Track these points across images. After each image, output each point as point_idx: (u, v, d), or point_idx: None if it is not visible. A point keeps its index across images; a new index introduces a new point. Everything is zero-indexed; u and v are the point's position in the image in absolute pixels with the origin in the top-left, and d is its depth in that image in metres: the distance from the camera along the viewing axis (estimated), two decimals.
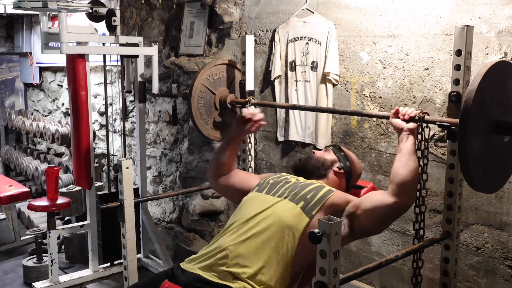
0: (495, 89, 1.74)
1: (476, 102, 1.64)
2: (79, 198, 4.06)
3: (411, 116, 2.00)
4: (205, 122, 2.97)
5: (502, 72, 1.77)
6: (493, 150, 1.80)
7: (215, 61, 3.03)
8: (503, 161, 1.90)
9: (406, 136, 1.99)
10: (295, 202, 1.99)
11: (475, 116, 1.66)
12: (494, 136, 1.78)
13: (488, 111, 1.73)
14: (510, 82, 1.82)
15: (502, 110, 1.79)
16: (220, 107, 3.00)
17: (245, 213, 2.01)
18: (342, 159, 2.22)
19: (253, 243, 1.90)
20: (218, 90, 2.98)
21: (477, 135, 1.70)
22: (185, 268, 1.93)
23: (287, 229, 1.91)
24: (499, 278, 2.32)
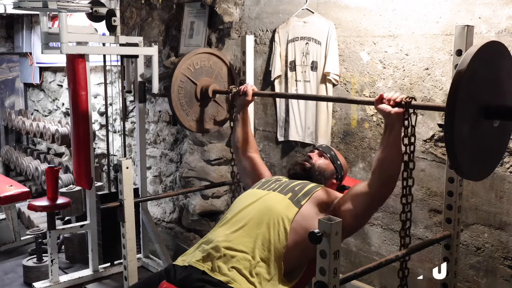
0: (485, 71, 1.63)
1: (464, 84, 1.53)
2: (79, 198, 4.06)
3: (396, 101, 1.86)
4: (186, 113, 2.83)
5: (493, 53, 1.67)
6: (482, 136, 1.69)
7: (196, 50, 2.90)
8: (492, 147, 1.80)
9: (391, 122, 1.88)
10: (283, 193, 2.06)
11: (463, 100, 1.55)
12: (483, 121, 1.66)
13: (477, 95, 1.62)
14: (501, 63, 1.71)
15: (492, 93, 1.67)
16: (202, 97, 2.86)
17: (236, 207, 2.06)
18: (338, 169, 2.29)
19: (243, 232, 1.93)
20: (200, 80, 2.85)
21: (465, 120, 1.59)
22: (178, 264, 1.94)
23: (277, 217, 1.94)
24: (499, 278, 2.32)
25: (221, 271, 1.83)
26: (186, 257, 1.96)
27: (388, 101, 1.88)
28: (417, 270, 2.59)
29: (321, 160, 2.27)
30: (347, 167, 2.39)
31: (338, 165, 2.28)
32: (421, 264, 2.57)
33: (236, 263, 1.84)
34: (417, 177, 2.55)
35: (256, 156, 2.52)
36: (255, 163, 2.48)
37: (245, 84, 2.54)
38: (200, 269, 1.86)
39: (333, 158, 2.28)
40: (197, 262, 1.89)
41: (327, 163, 2.26)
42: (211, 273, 1.84)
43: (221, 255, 1.86)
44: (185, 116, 2.83)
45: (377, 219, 2.74)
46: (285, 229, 1.92)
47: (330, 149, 2.33)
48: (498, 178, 2.26)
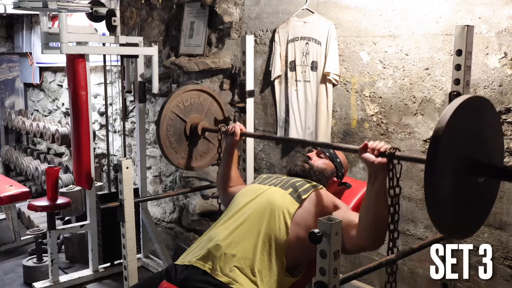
0: (467, 126, 1.55)
1: (446, 139, 1.46)
2: (79, 198, 4.06)
3: (380, 151, 1.81)
4: (175, 151, 2.80)
5: (475, 108, 1.60)
6: (466, 192, 1.60)
7: (186, 87, 2.85)
8: (477, 203, 1.69)
9: (374, 173, 1.81)
10: (284, 189, 2.07)
11: (445, 155, 1.47)
12: (467, 177, 1.56)
13: (460, 149, 1.54)
14: (484, 118, 1.64)
15: (476, 149, 1.59)
16: (191, 135, 2.82)
17: (237, 204, 2.07)
18: (339, 167, 2.28)
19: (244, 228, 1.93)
20: (190, 118, 2.81)
21: (447, 176, 1.51)
22: (179, 263, 1.94)
23: (278, 212, 1.94)
24: (499, 278, 2.32)
25: (222, 271, 1.83)
26: (186, 255, 1.96)
27: (372, 151, 1.83)
28: (417, 270, 2.59)
29: (320, 160, 2.27)
30: (347, 164, 2.38)
31: (338, 163, 2.27)
32: (421, 264, 2.57)
33: (237, 262, 1.84)
34: (417, 177, 2.55)
35: (240, 187, 2.42)
36: None
37: (234, 124, 2.52)
38: (201, 269, 1.86)
39: (332, 156, 2.28)
40: (197, 262, 1.88)
41: (326, 162, 2.26)
42: (212, 273, 1.84)
43: (221, 254, 1.86)
44: (174, 154, 2.79)
45: None
46: (286, 224, 1.92)
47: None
48: None
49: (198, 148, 2.89)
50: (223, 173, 2.48)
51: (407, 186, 2.57)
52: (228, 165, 2.47)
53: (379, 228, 1.79)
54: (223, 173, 2.48)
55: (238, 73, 3.39)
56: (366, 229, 1.79)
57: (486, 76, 2.26)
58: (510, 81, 2.19)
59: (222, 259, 1.85)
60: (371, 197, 1.80)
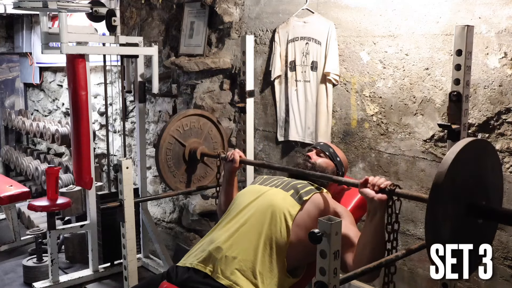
0: (468, 170, 1.60)
1: (447, 184, 1.51)
2: (79, 198, 4.05)
3: (380, 187, 1.81)
4: (173, 175, 2.81)
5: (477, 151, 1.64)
6: (466, 232, 1.65)
7: (186, 111, 2.88)
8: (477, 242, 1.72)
9: (374, 208, 1.82)
10: (285, 190, 2.06)
11: (445, 199, 1.52)
12: (466, 219, 1.62)
13: (459, 193, 1.59)
14: (484, 160, 1.69)
15: (475, 191, 1.64)
16: (190, 159, 2.83)
17: (238, 205, 2.06)
18: (339, 166, 2.28)
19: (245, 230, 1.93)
20: (188, 142, 2.82)
21: (448, 218, 1.56)
22: (181, 265, 1.94)
23: (279, 214, 1.94)
24: (499, 278, 2.32)
25: (224, 274, 1.83)
26: (188, 258, 1.96)
27: (372, 186, 1.83)
28: (417, 270, 2.59)
29: (320, 159, 2.26)
30: (347, 162, 2.38)
31: (338, 162, 2.27)
32: (421, 264, 2.57)
33: (238, 264, 1.84)
34: (417, 177, 2.55)
35: None
36: None
37: (233, 150, 2.51)
38: (202, 271, 1.86)
39: (332, 155, 2.28)
40: (199, 264, 1.88)
41: (326, 161, 2.26)
42: (213, 275, 1.84)
43: (222, 256, 1.86)
44: (172, 177, 2.80)
45: None
46: (287, 226, 1.92)
47: (328, 147, 2.32)
48: None
49: (196, 172, 2.91)
50: (224, 200, 2.45)
51: (407, 186, 2.57)
52: (228, 193, 2.45)
53: (375, 260, 1.76)
54: (224, 200, 2.45)
55: (238, 73, 3.39)
56: (362, 262, 1.78)
57: (486, 76, 2.26)
58: (510, 81, 2.19)
59: (223, 261, 1.85)
60: (370, 232, 1.81)
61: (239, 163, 2.47)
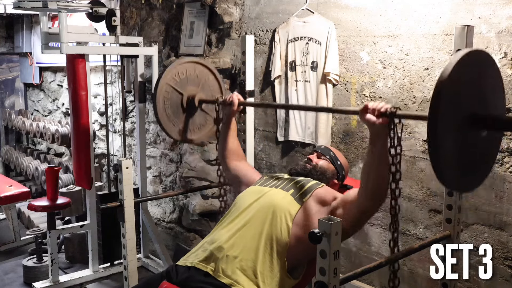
0: (469, 79, 1.56)
1: (448, 93, 1.47)
2: (79, 198, 4.05)
3: (381, 112, 1.80)
4: (173, 124, 2.76)
5: (477, 61, 1.60)
6: (469, 146, 1.61)
7: (180, 59, 2.82)
8: (481, 157, 1.70)
9: (376, 133, 1.82)
10: (286, 190, 2.06)
11: (447, 110, 1.48)
12: (469, 131, 1.57)
13: (461, 104, 1.54)
14: (485, 71, 1.65)
15: (477, 102, 1.60)
16: (188, 107, 2.79)
17: (239, 206, 2.07)
18: (339, 169, 2.28)
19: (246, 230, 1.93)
20: (186, 90, 2.77)
21: (450, 131, 1.52)
22: (180, 264, 1.94)
23: (279, 214, 1.94)
24: (499, 278, 2.32)
25: (225, 272, 1.83)
26: (188, 257, 1.96)
27: (372, 111, 1.81)
28: (417, 270, 2.59)
29: (321, 162, 2.28)
30: (348, 166, 2.38)
31: (338, 165, 2.28)
32: (421, 264, 2.57)
33: (239, 263, 1.84)
34: (417, 177, 2.55)
35: (242, 163, 2.47)
36: (242, 170, 2.42)
37: (231, 93, 2.50)
38: (203, 270, 1.86)
39: (333, 158, 2.29)
40: (200, 263, 1.88)
41: (327, 164, 2.27)
42: (214, 274, 1.84)
43: (224, 255, 1.86)
44: (171, 127, 2.76)
45: (377, 219, 2.74)
46: (288, 226, 1.92)
47: (329, 150, 2.33)
48: (498, 178, 2.26)
49: (195, 120, 2.85)
50: (223, 145, 2.48)
51: (407, 186, 2.57)
52: (227, 136, 2.47)
53: (381, 187, 1.81)
54: (223, 145, 2.48)
55: (238, 73, 3.39)
56: (368, 190, 1.81)
57: None
58: (510, 81, 2.20)
59: (224, 260, 1.85)
60: (373, 158, 1.81)
61: (237, 106, 2.47)
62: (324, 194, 2.04)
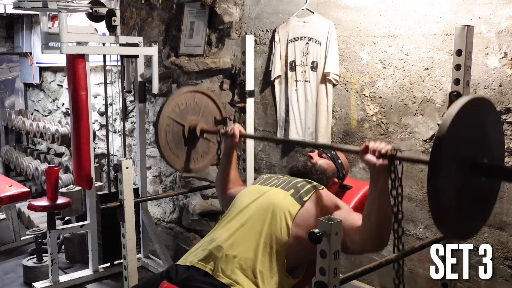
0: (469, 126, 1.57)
1: (448, 142, 1.48)
2: (79, 198, 4.05)
3: (382, 153, 1.79)
4: (176, 156, 2.76)
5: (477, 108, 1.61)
6: (468, 192, 1.61)
7: (179, 90, 2.83)
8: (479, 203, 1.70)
9: (376, 175, 1.80)
10: (286, 189, 2.06)
11: (447, 157, 1.49)
12: (468, 177, 1.58)
13: (461, 150, 1.55)
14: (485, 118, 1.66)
15: (477, 149, 1.61)
16: (190, 137, 2.79)
17: (239, 205, 2.06)
18: (340, 168, 2.28)
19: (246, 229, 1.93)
20: (187, 120, 2.76)
21: (450, 177, 1.53)
22: (180, 264, 1.94)
23: (279, 213, 1.94)
24: (499, 278, 2.32)
25: (224, 272, 1.83)
26: (188, 256, 1.96)
27: (373, 152, 1.80)
28: (417, 270, 2.59)
29: (321, 160, 2.27)
30: (348, 166, 2.38)
31: (339, 164, 2.28)
32: (421, 264, 2.57)
33: (238, 263, 1.84)
34: (417, 177, 2.55)
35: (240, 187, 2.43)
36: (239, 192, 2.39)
37: (233, 125, 2.49)
38: (203, 269, 1.86)
39: (334, 157, 2.29)
40: (199, 263, 1.89)
41: (328, 163, 2.27)
42: (213, 274, 1.84)
43: (223, 255, 1.86)
44: (175, 159, 2.75)
45: None
46: (287, 225, 1.92)
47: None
48: None
49: (198, 149, 2.86)
50: (222, 175, 2.46)
51: (407, 186, 2.57)
52: (227, 168, 2.45)
53: (383, 229, 1.78)
54: (222, 175, 2.46)
55: (238, 73, 3.39)
56: (370, 232, 1.78)
57: (486, 76, 2.26)
58: (510, 81, 2.20)
59: (224, 260, 1.85)
60: (374, 199, 1.79)
61: (239, 138, 2.46)
62: (325, 199, 2.03)
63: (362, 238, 1.82)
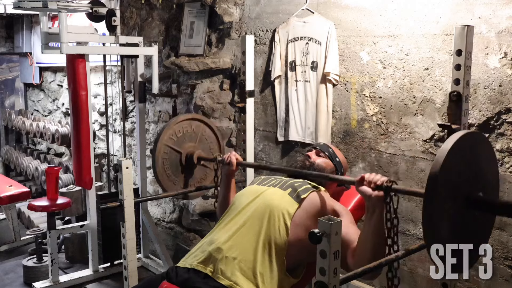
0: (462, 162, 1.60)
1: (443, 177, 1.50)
2: (79, 198, 4.06)
3: (377, 184, 1.80)
4: (173, 183, 2.79)
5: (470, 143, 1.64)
6: (463, 225, 1.65)
7: (176, 118, 2.85)
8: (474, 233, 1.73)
9: (372, 206, 1.81)
10: (283, 189, 2.06)
11: (441, 193, 1.51)
12: (463, 211, 1.62)
13: (455, 186, 1.58)
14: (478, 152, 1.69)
15: (471, 183, 1.64)
16: (187, 164, 2.81)
17: (237, 206, 2.07)
18: (338, 166, 2.28)
19: (245, 230, 1.93)
20: (184, 148, 2.80)
21: (445, 211, 1.56)
22: (181, 266, 1.94)
23: (277, 213, 1.94)
24: (499, 278, 2.32)
25: (224, 274, 1.83)
26: (188, 258, 1.96)
27: (368, 184, 1.82)
28: (417, 270, 2.59)
29: (319, 159, 2.27)
30: (346, 164, 2.38)
31: (337, 162, 2.27)
32: (421, 264, 2.57)
33: (238, 265, 1.84)
34: (417, 177, 2.55)
35: None
36: None
37: (229, 153, 2.49)
38: (203, 272, 1.86)
39: (332, 155, 2.28)
40: (199, 265, 1.88)
41: (325, 161, 2.26)
42: (213, 276, 1.84)
43: (222, 257, 1.86)
44: (172, 186, 2.78)
45: None
46: (286, 224, 1.92)
47: (328, 147, 2.33)
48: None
49: (195, 176, 2.89)
50: (223, 202, 2.45)
51: (407, 186, 2.57)
52: (226, 195, 2.44)
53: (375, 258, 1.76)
54: (223, 202, 2.45)
55: (238, 73, 3.39)
56: (363, 261, 1.77)
57: (486, 76, 2.26)
58: (510, 81, 2.19)
59: (223, 262, 1.85)
60: (369, 230, 1.80)
61: (236, 166, 2.45)
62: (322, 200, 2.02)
63: (355, 262, 1.82)
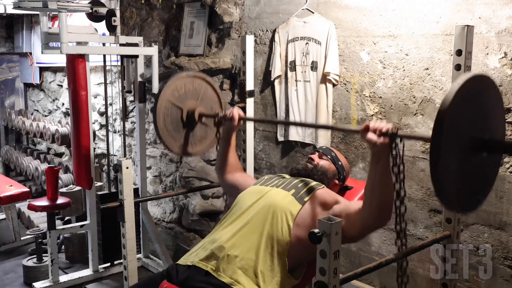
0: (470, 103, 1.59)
1: (450, 119, 1.50)
2: (79, 198, 4.06)
3: (382, 132, 1.80)
4: (174, 139, 2.74)
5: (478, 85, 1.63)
6: (470, 168, 1.64)
7: (179, 74, 2.80)
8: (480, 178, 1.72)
9: (377, 153, 1.81)
10: (286, 190, 2.07)
11: (449, 134, 1.51)
12: (470, 153, 1.60)
13: (463, 127, 1.58)
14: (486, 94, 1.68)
15: (478, 125, 1.63)
16: (188, 121, 2.77)
17: (240, 206, 2.07)
18: (340, 170, 2.29)
19: (247, 230, 1.94)
20: (185, 104, 2.75)
21: (452, 154, 1.54)
22: (181, 263, 1.94)
23: (280, 214, 1.95)
24: (499, 278, 2.32)
25: (225, 272, 1.83)
26: (189, 256, 1.97)
27: (374, 131, 1.81)
28: (417, 270, 2.59)
29: (322, 162, 2.28)
30: (348, 168, 2.38)
31: (339, 166, 2.29)
32: (421, 264, 2.57)
33: (240, 263, 1.84)
34: (417, 177, 2.55)
35: (239, 173, 2.46)
36: (239, 179, 2.42)
37: (232, 108, 2.49)
38: (204, 269, 1.86)
39: (334, 159, 2.29)
40: (200, 262, 1.89)
41: (328, 164, 2.27)
42: (214, 273, 1.84)
43: (224, 255, 1.87)
44: (173, 142, 2.73)
45: None
46: (289, 225, 1.92)
47: (330, 151, 2.33)
48: (498, 178, 2.24)
49: (196, 133, 2.84)
50: (221, 159, 2.47)
51: (407, 186, 2.56)
52: (225, 151, 2.46)
53: (386, 205, 1.80)
54: (221, 159, 2.47)
55: (238, 73, 3.39)
56: (373, 208, 1.80)
57: None
58: (510, 81, 2.20)
59: (225, 260, 1.86)
60: (376, 177, 1.81)
61: (238, 121, 2.45)
62: (326, 196, 2.04)
63: (365, 216, 1.84)
